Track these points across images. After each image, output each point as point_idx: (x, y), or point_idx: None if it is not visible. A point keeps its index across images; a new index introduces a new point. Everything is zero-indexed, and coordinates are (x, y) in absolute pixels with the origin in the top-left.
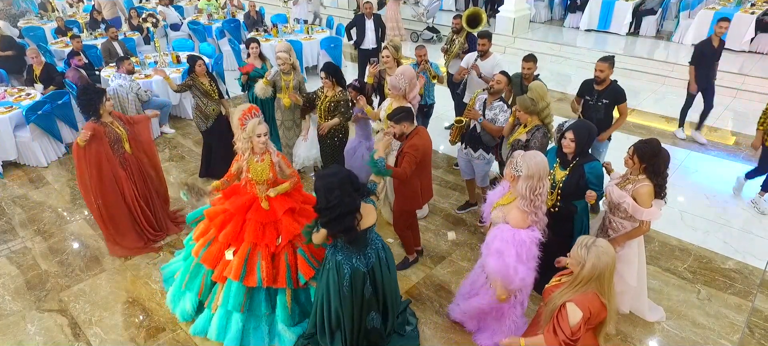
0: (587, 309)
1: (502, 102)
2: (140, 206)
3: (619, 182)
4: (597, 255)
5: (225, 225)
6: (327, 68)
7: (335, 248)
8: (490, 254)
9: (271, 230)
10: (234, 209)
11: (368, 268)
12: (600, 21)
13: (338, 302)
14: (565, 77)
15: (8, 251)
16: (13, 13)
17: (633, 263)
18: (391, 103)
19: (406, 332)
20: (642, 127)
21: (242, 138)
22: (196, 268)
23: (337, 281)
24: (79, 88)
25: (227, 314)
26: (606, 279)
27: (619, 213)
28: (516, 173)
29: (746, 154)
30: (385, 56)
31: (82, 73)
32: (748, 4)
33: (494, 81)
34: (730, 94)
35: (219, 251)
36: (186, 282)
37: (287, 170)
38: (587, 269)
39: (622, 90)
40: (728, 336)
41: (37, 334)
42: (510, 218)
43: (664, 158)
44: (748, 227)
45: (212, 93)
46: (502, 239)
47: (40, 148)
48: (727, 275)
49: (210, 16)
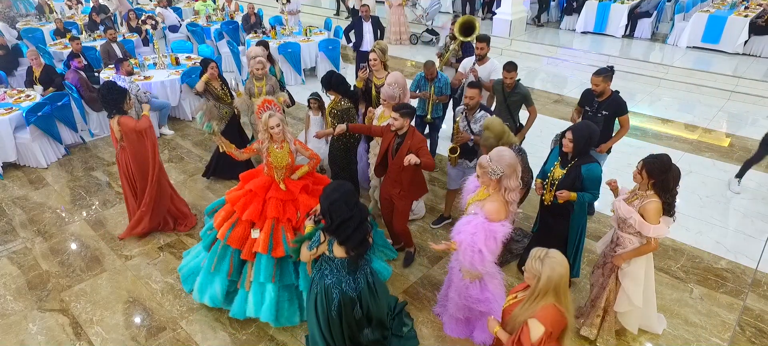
0: (549, 324)
1: (483, 111)
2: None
3: (628, 197)
4: (551, 266)
5: (247, 206)
6: (325, 83)
7: (322, 271)
8: (459, 232)
9: (290, 207)
10: (256, 188)
11: (357, 293)
12: (596, 23)
13: (327, 326)
14: (561, 79)
15: (9, 252)
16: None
17: (639, 280)
18: (384, 110)
19: (403, 333)
20: (637, 129)
21: (261, 127)
22: (223, 250)
23: (325, 306)
24: (105, 86)
25: (260, 287)
26: (562, 289)
27: (627, 229)
28: (497, 177)
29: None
30: (372, 59)
31: (82, 75)
32: (742, 7)
33: (467, 98)
34: (723, 96)
35: (244, 230)
36: (215, 265)
37: (306, 153)
38: (543, 280)
39: (622, 102)
40: (720, 334)
41: (38, 333)
42: (486, 210)
43: (675, 175)
44: (741, 228)
45: (224, 97)
46: (474, 224)
47: (39, 150)
48: (720, 274)
49: (208, 18)
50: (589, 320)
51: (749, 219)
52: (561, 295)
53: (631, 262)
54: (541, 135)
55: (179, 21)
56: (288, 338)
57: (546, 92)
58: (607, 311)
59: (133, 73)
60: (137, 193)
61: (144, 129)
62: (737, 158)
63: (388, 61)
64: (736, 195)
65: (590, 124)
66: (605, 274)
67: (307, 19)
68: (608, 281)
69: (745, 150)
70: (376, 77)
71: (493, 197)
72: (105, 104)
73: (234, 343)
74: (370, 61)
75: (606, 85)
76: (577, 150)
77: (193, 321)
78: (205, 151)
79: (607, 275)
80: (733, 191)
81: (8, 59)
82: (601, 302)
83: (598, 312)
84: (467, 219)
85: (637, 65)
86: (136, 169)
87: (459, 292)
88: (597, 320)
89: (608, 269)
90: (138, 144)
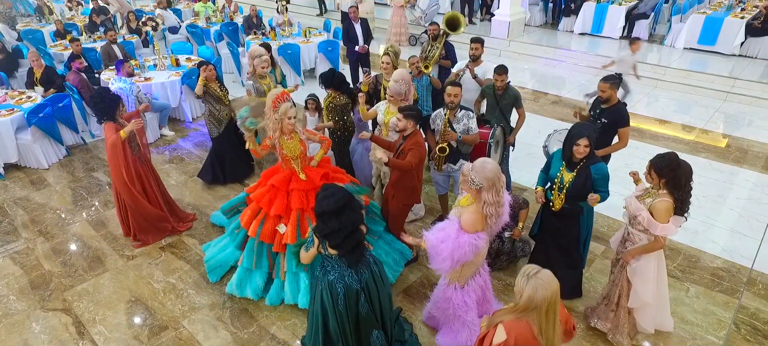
0: (513, 335)
1: (464, 110)
2: (164, 196)
3: (641, 194)
4: (534, 287)
5: (273, 201)
6: (325, 81)
7: (325, 268)
8: (431, 234)
9: (313, 196)
10: (278, 182)
11: (362, 285)
12: (593, 25)
13: (335, 321)
14: (559, 80)
15: (12, 252)
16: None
17: (649, 278)
18: (388, 106)
19: (405, 338)
20: (634, 130)
21: (274, 119)
22: (259, 248)
23: (331, 302)
24: (97, 93)
25: (295, 276)
26: (544, 313)
27: (637, 225)
28: (476, 187)
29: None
30: (385, 62)
31: (82, 77)
32: (738, 8)
33: (450, 96)
34: (720, 97)
35: (273, 225)
36: (255, 262)
37: (315, 139)
38: (523, 299)
39: (625, 114)
40: (715, 332)
41: (42, 332)
42: (463, 220)
43: (685, 171)
44: (737, 228)
45: (224, 98)
46: (446, 232)
47: (41, 151)
48: (716, 273)
49: (208, 19)
50: (603, 313)
51: (745, 219)
52: (542, 317)
53: (640, 259)
54: (540, 135)
55: (179, 22)
56: (289, 336)
57: (544, 93)
58: (619, 304)
59: (134, 75)
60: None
61: (110, 144)
62: (733, 159)
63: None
64: (732, 195)
65: (589, 124)
66: (616, 270)
67: (306, 20)
68: (619, 276)
69: (741, 151)
70: (385, 80)
71: (472, 208)
72: (95, 110)
73: (235, 342)
74: (382, 64)
75: (612, 92)
76: (590, 151)
77: (195, 320)
78: (205, 152)
79: (619, 271)
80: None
81: (8, 61)
82: (614, 298)
83: (612, 307)
84: (442, 225)
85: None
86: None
87: (438, 291)
88: (610, 314)
89: (620, 266)
90: (111, 152)
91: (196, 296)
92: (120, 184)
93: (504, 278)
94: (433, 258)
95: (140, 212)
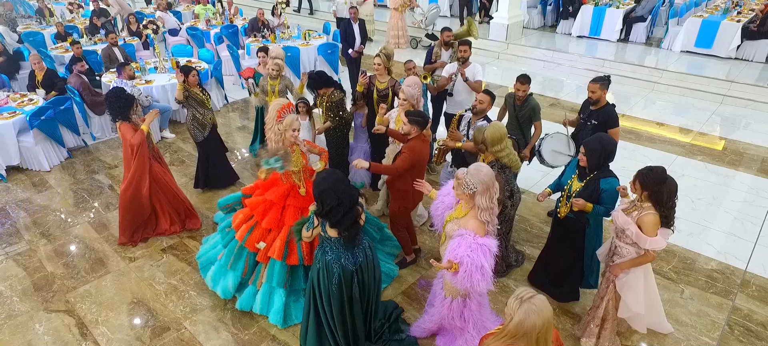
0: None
1: (485, 121)
2: (177, 193)
3: (627, 207)
4: (526, 312)
5: (267, 212)
6: (313, 85)
7: (324, 248)
8: (456, 254)
9: (307, 214)
10: (275, 197)
11: (356, 266)
12: (591, 28)
13: (328, 301)
14: (557, 83)
15: (14, 254)
16: (13, 17)
17: (637, 290)
18: (399, 114)
19: (402, 338)
20: (631, 132)
21: (276, 130)
22: (239, 251)
23: (326, 281)
24: (112, 92)
25: (271, 289)
26: (533, 340)
27: (624, 239)
28: (470, 192)
29: None
30: (377, 63)
31: (83, 79)
32: (735, 12)
33: (477, 101)
34: (716, 100)
35: (262, 236)
36: (231, 263)
37: (315, 150)
38: (513, 324)
39: (614, 115)
40: (709, 334)
41: (45, 334)
42: (471, 228)
43: (670, 188)
44: (731, 230)
45: (206, 102)
46: (468, 243)
47: (42, 153)
48: (710, 275)
49: (208, 21)
50: (588, 329)
51: (739, 221)
52: (532, 344)
53: (628, 272)
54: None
55: (179, 25)
56: (290, 337)
57: (542, 96)
58: (605, 319)
59: (135, 78)
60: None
61: (135, 146)
62: (729, 161)
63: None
64: (727, 198)
65: (603, 137)
66: (603, 283)
67: (306, 22)
68: (606, 290)
69: (736, 153)
70: (378, 81)
71: (472, 214)
72: (111, 110)
73: (236, 343)
74: (374, 65)
75: (602, 93)
76: (592, 164)
77: (197, 322)
78: None
79: (606, 285)
80: None
81: (10, 63)
82: (600, 312)
83: (597, 322)
84: (458, 242)
85: (632, 69)
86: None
87: (441, 309)
88: (595, 329)
89: (606, 279)
90: (128, 152)
91: (198, 298)
92: (137, 181)
93: (496, 282)
94: (469, 273)
95: (136, 211)
